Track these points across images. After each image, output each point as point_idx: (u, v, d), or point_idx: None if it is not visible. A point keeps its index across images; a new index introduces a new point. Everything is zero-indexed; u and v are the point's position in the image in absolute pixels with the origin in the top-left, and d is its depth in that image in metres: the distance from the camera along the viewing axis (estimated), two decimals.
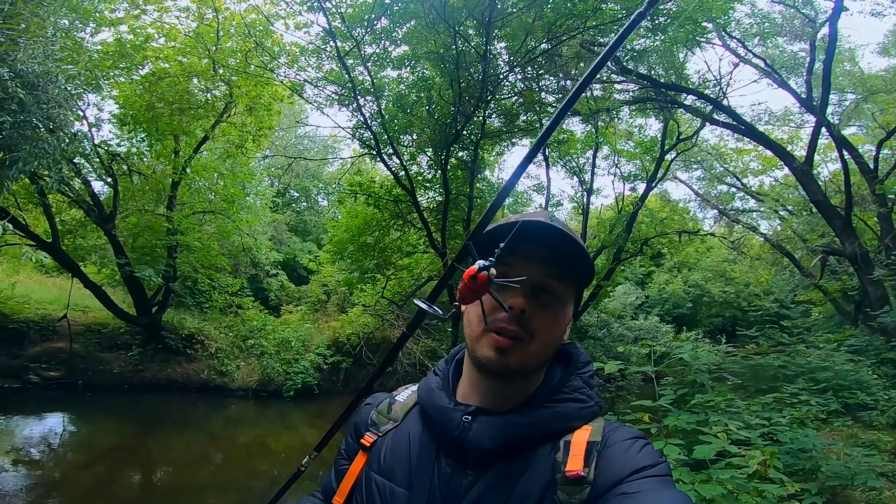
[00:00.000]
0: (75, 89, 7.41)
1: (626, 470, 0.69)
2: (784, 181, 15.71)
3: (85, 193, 10.12)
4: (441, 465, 0.78)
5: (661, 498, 0.64)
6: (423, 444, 0.82)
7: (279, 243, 19.15)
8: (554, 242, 0.76)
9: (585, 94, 11.15)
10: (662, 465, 0.70)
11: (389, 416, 0.91)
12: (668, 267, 23.16)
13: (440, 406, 0.82)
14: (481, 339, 0.77)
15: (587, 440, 0.73)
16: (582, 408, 0.78)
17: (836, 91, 12.31)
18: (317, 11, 8.90)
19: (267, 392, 11.47)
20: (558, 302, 0.78)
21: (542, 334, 0.77)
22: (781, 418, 4.00)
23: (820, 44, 9.87)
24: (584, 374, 0.83)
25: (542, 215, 0.79)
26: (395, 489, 0.79)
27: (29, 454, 6.87)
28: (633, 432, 0.77)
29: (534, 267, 0.76)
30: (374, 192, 11.85)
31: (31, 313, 10.14)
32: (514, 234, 0.74)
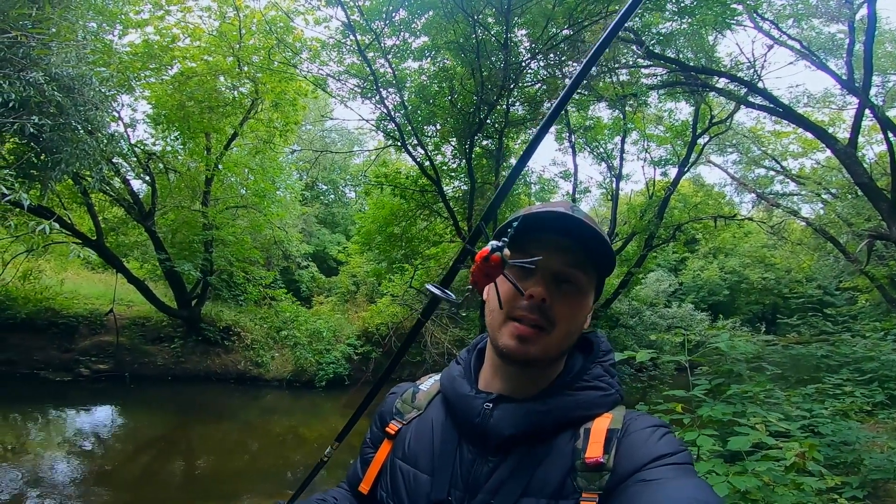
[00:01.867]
0: (109, 91, 7.69)
1: (646, 457, 0.69)
2: (826, 163, 14.97)
3: (125, 192, 10.52)
4: (463, 452, 0.79)
5: (680, 486, 0.63)
6: (445, 432, 0.84)
7: (309, 235, 19.51)
8: (575, 232, 0.76)
9: (611, 79, 10.87)
10: (683, 454, 0.70)
11: (413, 404, 0.92)
12: (703, 253, 22.51)
13: (462, 394, 0.83)
14: (502, 328, 0.78)
15: (607, 427, 0.74)
16: (603, 395, 0.79)
17: (878, 73, 11.63)
18: (335, 6, 8.94)
19: (300, 382, 11.78)
20: (580, 291, 0.78)
21: (564, 323, 0.77)
22: (823, 410, 3.86)
23: (859, 25, 9.34)
24: (604, 363, 0.83)
25: (563, 205, 0.79)
26: (418, 475, 0.81)
27: (81, 446, 7.20)
28: (654, 420, 0.77)
29: (554, 256, 0.76)
30: (400, 182, 11.91)
31: (80, 308, 10.64)
32: (536, 223, 0.75)
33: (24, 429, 7.75)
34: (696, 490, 0.62)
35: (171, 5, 9.62)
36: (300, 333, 12.41)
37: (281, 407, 10.90)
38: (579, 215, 0.76)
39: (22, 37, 5.66)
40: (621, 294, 14.47)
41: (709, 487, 0.64)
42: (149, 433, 8.32)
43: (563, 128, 13.23)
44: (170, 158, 11.31)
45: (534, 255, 0.75)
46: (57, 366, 9.84)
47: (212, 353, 11.43)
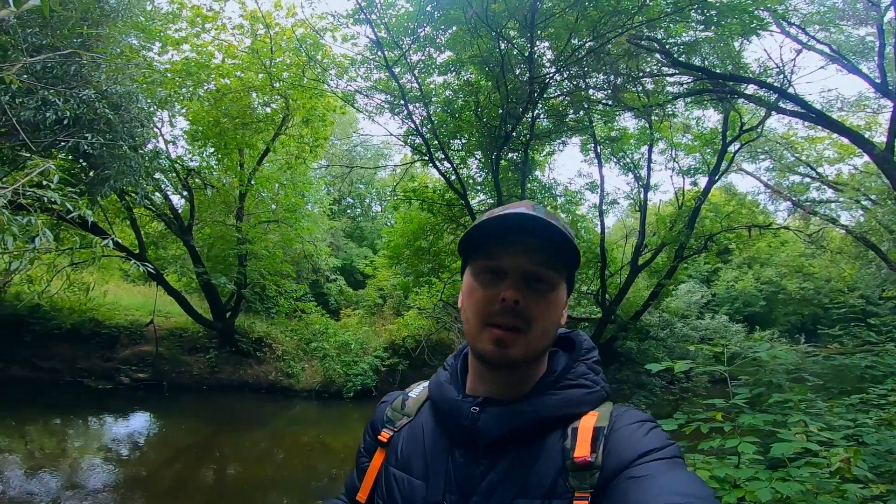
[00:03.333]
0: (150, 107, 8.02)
1: (634, 453, 0.69)
2: (864, 169, 14.44)
3: (165, 207, 10.96)
4: (455, 456, 0.80)
5: (671, 480, 0.64)
6: (436, 437, 0.84)
7: (337, 249, 19.86)
8: (540, 231, 0.77)
9: (636, 89, 10.82)
10: (671, 448, 0.70)
11: (403, 411, 0.93)
12: (737, 263, 21.88)
13: (450, 398, 0.84)
14: (480, 334, 0.79)
15: (594, 426, 0.75)
16: (588, 393, 0.80)
17: None
18: (364, 24, 9.22)
19: (329, 393, 11.93)
20: (551, 288, 0.79)
21: (540, 321, 0.78)
22: (868, 420, 3.70)
23: (887, 27, 9.11)
24: (587, 360, 0.84)
25: (524, 206, 0.80)
26: (412, 481, 0.82)
27: (118, 452, 7.44)
28: (641, 416, 0.77)
29: (522, 257, 0.77)
30: (427, 196, 12.05)
31: (121, 319, 11.12)
32: (500, 227, 0.78)
33: (65, 435, 8.06)
34: (687, 483, 0.63)
35: (207, 22, 10.09)
36: (329, 345, 12.60)
37: (309, 417, 11.04)
38: (541, 214, 0.77)
39: (76, 54, 5.95)
40: (651, 306, 14.19)
41: (699, 480, 0.65)
42: (183, 441, 8.53)
43: (589, 139, 13.19)
44: (206, 174, 11.75)
45: (501, 257, 0.78)
46: (99, 374, 10.25)
47: (244, 363, 11.70)
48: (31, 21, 6.03)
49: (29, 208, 3.64)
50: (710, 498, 0.61)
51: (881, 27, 9.28)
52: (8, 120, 6.31)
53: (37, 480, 5.94)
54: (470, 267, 0.83)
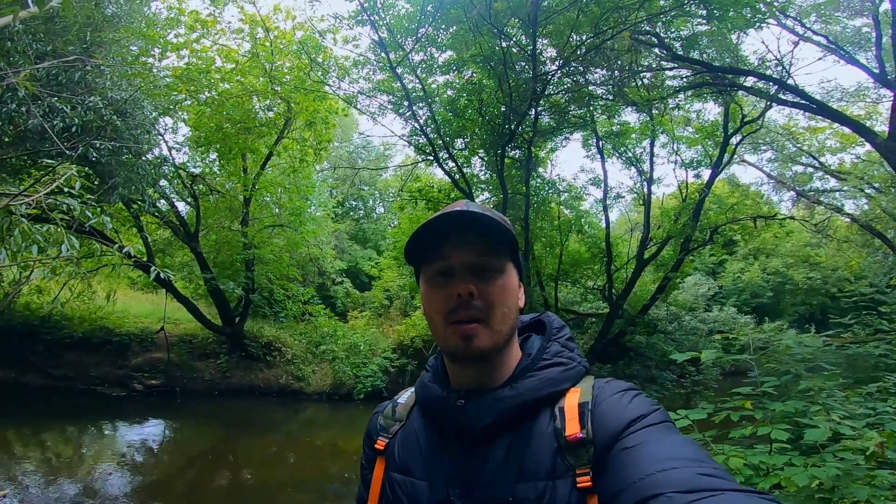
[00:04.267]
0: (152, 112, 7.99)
1: (622, 423, 0.70)
2: (867, 157, 14.41)
3: (171, 214, 10.98)
4: (451, 451, 0.81)
5: (663, 446, 0.64)
6: (429, 436, 0.86)
7: (341, 252, 19.88)
8: (477, 224, 0.80)
9: (636, 83, 10.82)
10: (658, 412, 0.72)
11: (395, 417, 0.95)
12: (743, 254, 21.82)
13: (435, 396, 0.86)
14: (445, 333, 0.81)
15: (578, 402, 0.76)
16: (565, 370, 0.81)
17: None
18: (365, 25, 9.21)
19: (339, 395, 11.97)
20: (499, 273, 0.81)
21: (498, 306, 0.80)
22: (889, 408, 3.71)
23: (883, 17, 9.09)
24: (560, 339, 0.86)
25: (459, 205, 0.84)
26: (415, 482, 0.83)
27: (133, 458, 7.46)
28: (622, 385, 0.79)
29: (466, 250, 0.80)
30: (432, 196, 12.06)
31: (131, 326, 11.17)
32: (439, 228, 0.81)
33: (81, 442, 8.10)
34: (678, 447, 0.64)
35: (206, 27, 10.05)
36: (338, 348, 12.63)
37: (321, 420, 11.08)
38: (473, 208, 0.81)
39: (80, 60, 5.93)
40: (658, 299, 14.17)
41: (691, 441, 0.66)
42: (197, 446, 8.58)
43: (590, 134, 13.19)
44: (210, 180, 11.76)
45: (450, 255, 0.80)
46: (112, 381, 10.31)
47: (255, 367, 11.74)
48: (35, 27, 6.03)
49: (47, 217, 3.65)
50: (705, 458, 0.62)
51: (876, 17, 9.28)
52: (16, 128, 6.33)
53: (55, 487, 5.97)
54: (422, 274, 0.86)
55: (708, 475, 0.58)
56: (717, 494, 0.54)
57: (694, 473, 0.58)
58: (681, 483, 0.57)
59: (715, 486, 0.56)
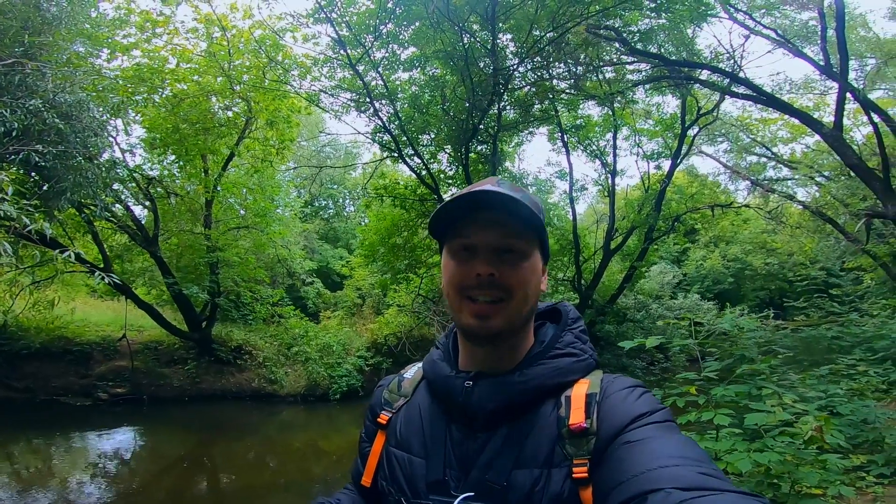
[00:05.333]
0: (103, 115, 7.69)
1: (627, 418, 0.70)
2: (817, 147, 15.07)
3: (127, 218, 10.58)
4: (452, 432, 0.81)
5: (665, 443, 0.65)
6: (433, 414, 0.86)
7: (311, 252, 19.59)
8: (504, 206, 0.79)
9: (597, 78, 11.02)
10: (663, 411, 0.72)
11: (400, 392, 0.95)
12: (704, 242, 22.54)
13: (443, 375, 0.86)
14: (461, 309, 0.81)
15: (586, 392, 0.76)
16: (577, 361, 0.81)
17: (855, 56, 11.78)
18: (324, 23, 9.06)
19: (314, 396, 11.83)
20: (523, 257, 0.80)
21: (518, 290, 0.79)
22: (839, 390, 3.88)
23: (828, 11, 9.49)
24: (574, 330, 0.86)
25: (490, 182, 0.83)
26: (413, 459, 0.83)
27: (106, 468, 7.24)
28: (630, 381, 0.79)
29: (491, 231, 0.79)
30: (399, 193, 12.00)
31: (93, 335, 10.74)
32: (468, 204, 0.80)
33: (50, 453, 7.79)
34: (681, 446, 0.64)
35: (157, 27, 9.72)
36: (310, 349, 12.48)
37: (298, 421, 10.95)
38: (505, 189, 0.80)
39: (19, 63, 5.66)
40: (626, 288, 14.53)
41: (693, 442, 0.66)
42: (172, 453, 8.37)
43: (555, 128, 13.36)
44: (168, 182, 11.38)
45: (472, 234, 0.80)
46: (76, 391, 9.95)
47: (226, 372, 11.49)
48: None
49: None
50: (705, 459, 0.62)
51: (822, 11, 9.65)
52: None
53: (29, 500, 5.76)
54: (446, 247, 0.85)
55: (707, 475, 0.58)
56: (714, 494, 0.55)
57: (695, 472, 0.59)
58: (681, 480, 0.58)
59: (713, 485, 0.56)
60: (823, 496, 2.23)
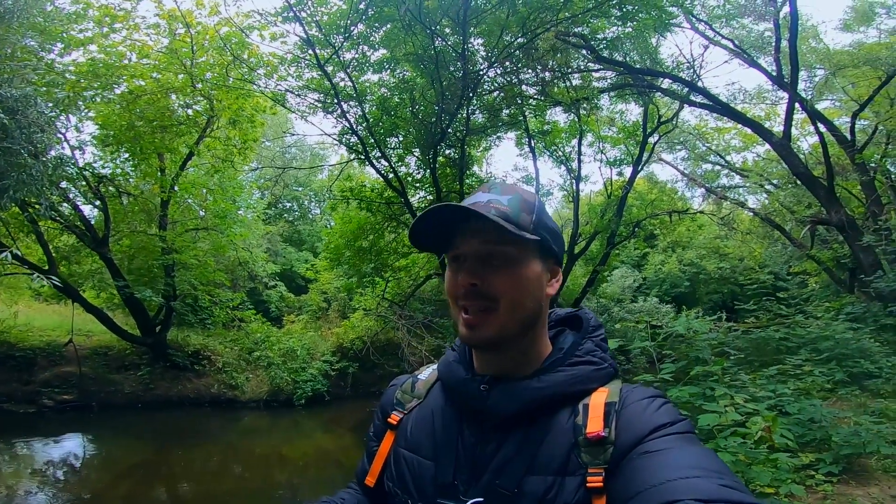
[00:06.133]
0: (52, 111, 7.32)
1: (647, 428, 0.69)
2: (766, 156, 15.87)
3: (75, 218, 10.08)
4: (465, 435, 0.80)
5: (685, 455, 0.64)
6: (446, 417, 0.84)
7: (275, 255, 19.13)
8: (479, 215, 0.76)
9: (565, 84, 11.28)
10: (683, 423, 0.71)
11: (413, 393, 0.93)
12: (662, 247, 23.31)
13: (459, 378, 0.85)
14: (457, 319, 0.81)
15: (605, 401, 0.75)
16: (596, 370, 0.80)
17: (805, 67, 12.45)
18: (293, 21, 8.89)
19: (278, 402, 11.55)
20: (511, 262, 0.78)
21: (504, 297, 0.77)
22: (787, 390, 4.04)
23: (783, 22, 9.96)
24: (595, 338, 0.85)
25: (482, 189, 0.83)
26: (422, 462, 0.82)
27: (54, 476, 6.90)
28: (650, 391, 0.78)
29: (472, 240, 0.78)
30: (365, 196, 11.89)
31: (36, 340, 10.18)
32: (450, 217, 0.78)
33: None
34: (701, 458, 0.63)
35: (117, 23, 9.32)
36: (273, 353, 12.17)
37: (261, 427, 10.67)
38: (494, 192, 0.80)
39: None
40: (589, 292, 14.87)
41: (713, 454, 0.65)
42: (126, 460, 8.03)
43: (523, 134, 13.56)
44: (121, 181, 10.90)
45: (460, 244, 0.79)
46: (19, 398, 9.42)
47: (182, 378, 11.06)
48: None
49: None
50: (726, 471, 0.61)
51: (777, 22, 10.13)
52: None
53: None
54: (446, 258, 0.85)
55: (729, 487, 0.57)
56: None
57: (716, 484, 0.58)
58: (701, 492, 0.56)
59: (734, 498, 0.55)
60: (776, 494, 2.31)
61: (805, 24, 12.76)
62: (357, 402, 11.96)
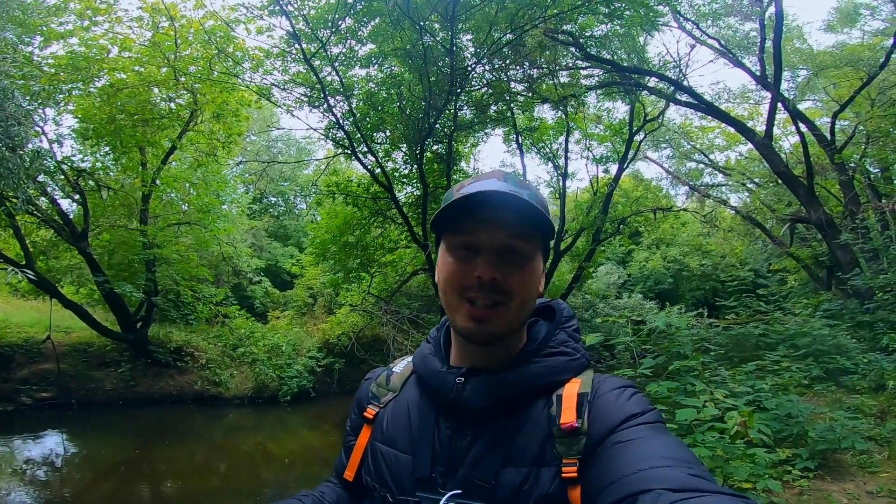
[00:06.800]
0: (29, 104, 7.15)
1: (618, 418, 0.70)
2: (749, 155, 16.13)
3: (53, 212, 9.86)
4: (441, 429, 0.80)
5: (656, 444, 0.65)
6: (422, 410, 0.84)
7: (259, 250, 18.94)
8: (510, 205, 0.76)
9: (552, 81, 11.31)
10: (653, 412, 0.72)
11: (388, 387, 0.92)
12: (647, 244, 23.56)
13: (434, 371, 0.84)
14: (458, 310, 0.78)
15: (577, 392, 0.75)
16: (570, 360, 0.81)
17: (788, 67, 12.63)
18: (279, 15, 8.77)
19: (263, 398, 11.46)
20: (527, 259, 0.78)
21: (519, 293, 0.77)
22: (764, 385, 4.10)
23: (769, 22, 10.04)
24: (568, 328, 0.85)
25: (495, 175, 0.80)
26: (399, 455, 0.81)
27: (34, 475, 6.79)
28: (621, 381, 0.78)
29: (495, 232, 0.76)
30: (351, 191, 11.82)
31: (13, 337, 9.95)
32: (471, 201, 0.76)
33: None
34: (671, 448, 0.64)
35: (98, 15, 9.10)
36: (258, 349, 12.06)
37: (246, 424, 10.58)
38: (511, 185, 0.77)
39: None
40: (575, 288, 14.98)
41: (681, 444, 0.67)
42: (107, 458, 7.91)
43: (510, 130, 13.58)
44: (101, 175, 10.68)
45: (474, 232, 0.77)
46: None
47: (165, 374, 10.90)
48: None
49: None
50: (694, 460, 0.63)
51: (763, 22, 10.24)
52: None
53: None
54: (444, 242, 0.82)
55: (698, 476, 0.58)
56: (704, 495, 0.54)
57: (685, 474, 0.59)
58: (672, 481, 0.57)
59: (704, 487, 0.56)
60: (754, 489, 2.35)
61: (790, 24, 12.94)
62: (343, 399, 11.91)
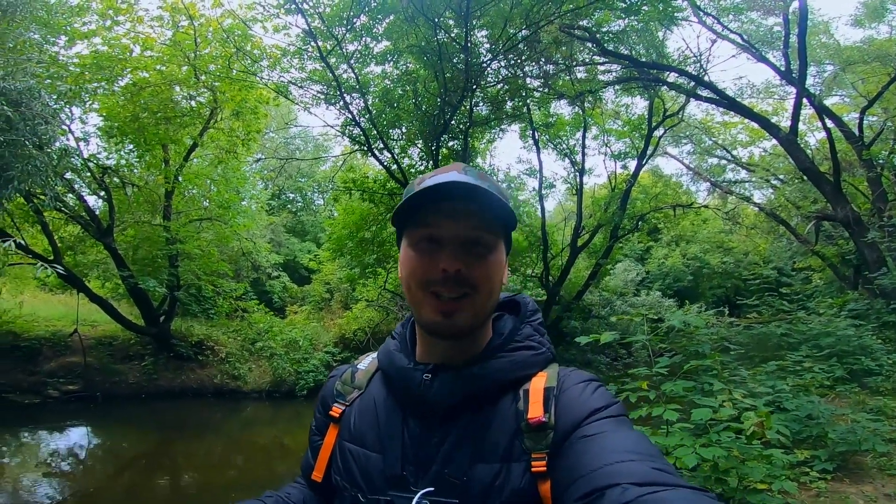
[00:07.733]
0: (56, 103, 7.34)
1: (584, 412, 0.70)
2: (773, 151, 15.74)
3: (80, 209, 10.14)
4: (409, 426, 0.79)
5: (620, 438, 0.65)
6: (389, 408, 0.83)
7: (278, 245, 19.19)
8: (473, 197, 0.75)
9: (569, 77, 11.19)
10: (617, 406, 0.72)
11: (353, 384, 0.91)
12: (666, 241, 23.19)
13: (400, 367, 0.82)
14: (424, 305, 0.77)
15: (544, 386, 0.75)
16: (535, 354, 0.80)
17: (814, 63, 12.29)
18: (295, 13, 8.86)
19: (280, 392, 11.65)
20: (491, 250, 0.78)
21: (485, 284, 0.77)
22: (785, 386, 4.02)
23: (793, 17, 9.78)
24: (533, 322, 0.85)
25: (455, 168, 0.80)
26: (368, 454, 0.80)
27: (59, 467, 6.96)
28: (586, 375, 0.78)
29: (458, 223, 0.76)
30: (368, 187, 11.90)
31: (41, 330, 10.24)
32: (433, 193, 0.75)
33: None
34: (635, 442, 0.65)
35: (120, 15, 9.32)
36: (276, 344, 12.26)
37: (263, 418, 10.76)
38: (472, 177, 0.77)
39: None
40: (592, 285, 14.85)
41: (645, 437, 0.68)
42: (129, 451, 8.10)
43: (527, 126, 13.50)
44: (126, 172, 10.94)
45: (439, 224, 0.76)
46: (24, 389, 9.47)
47: (186, 368, 11.15)
48: None
49: None
50: (657, 454, 0.63)
51: (787, 17, 9.97)
52: None
53: None
54: (406, 236, 0.81)
55: (661, 470, 0.59)
56: (668, 489, 0.55)
57: (649, 468, 0.59)
58: (636, 475, 0.58)
59: (667, 481, 0.57)
60: (769, 491, 2.31)
61: (815, 19, 12.57)
62: None
